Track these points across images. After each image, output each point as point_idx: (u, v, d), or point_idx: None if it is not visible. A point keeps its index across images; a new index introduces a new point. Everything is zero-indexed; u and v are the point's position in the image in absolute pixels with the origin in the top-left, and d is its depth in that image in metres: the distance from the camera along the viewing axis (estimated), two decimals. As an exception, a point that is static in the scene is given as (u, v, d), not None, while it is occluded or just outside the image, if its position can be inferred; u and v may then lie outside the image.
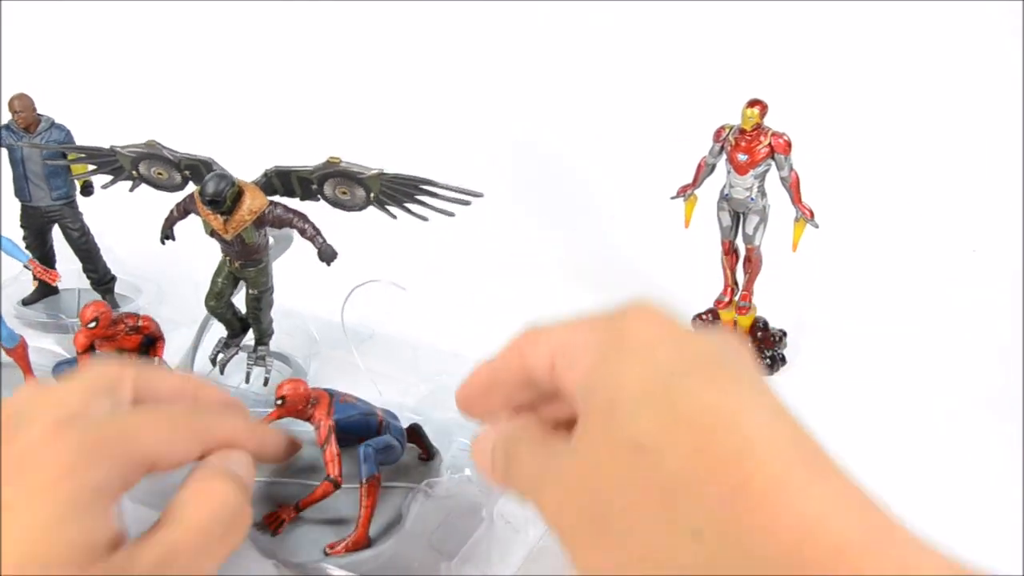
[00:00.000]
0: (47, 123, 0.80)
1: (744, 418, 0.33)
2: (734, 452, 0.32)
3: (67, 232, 0.84)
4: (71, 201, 0.83)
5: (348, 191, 0.68)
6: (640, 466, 0.33)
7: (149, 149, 0.70)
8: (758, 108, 0.74)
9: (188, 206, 0.71)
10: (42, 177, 0.80)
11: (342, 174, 0.67)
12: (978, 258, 0.96)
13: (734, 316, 0.83)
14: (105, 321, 0.65)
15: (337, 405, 0.58)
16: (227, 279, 0.73)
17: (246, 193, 0.67)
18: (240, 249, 0.70)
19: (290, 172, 0.68)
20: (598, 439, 0.35)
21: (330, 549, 0.54)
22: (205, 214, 0.68)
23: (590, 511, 0.34)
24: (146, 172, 0.71)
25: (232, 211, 0.67)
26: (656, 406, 0.34)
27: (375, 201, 0.68)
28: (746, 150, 0.75)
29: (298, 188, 0.69)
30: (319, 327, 0.82)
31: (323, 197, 0.69)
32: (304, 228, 0.69)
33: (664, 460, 0.33)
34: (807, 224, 0.77)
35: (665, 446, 0.33)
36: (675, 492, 0.32)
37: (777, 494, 0.31)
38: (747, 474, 0.31)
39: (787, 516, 0.30)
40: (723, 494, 0.31)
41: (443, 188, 0.66)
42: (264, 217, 0.68)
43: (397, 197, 0.68)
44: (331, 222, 0.70)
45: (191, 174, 0.70)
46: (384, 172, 0.67)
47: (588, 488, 0.35)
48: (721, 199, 0.79)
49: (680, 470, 0.32)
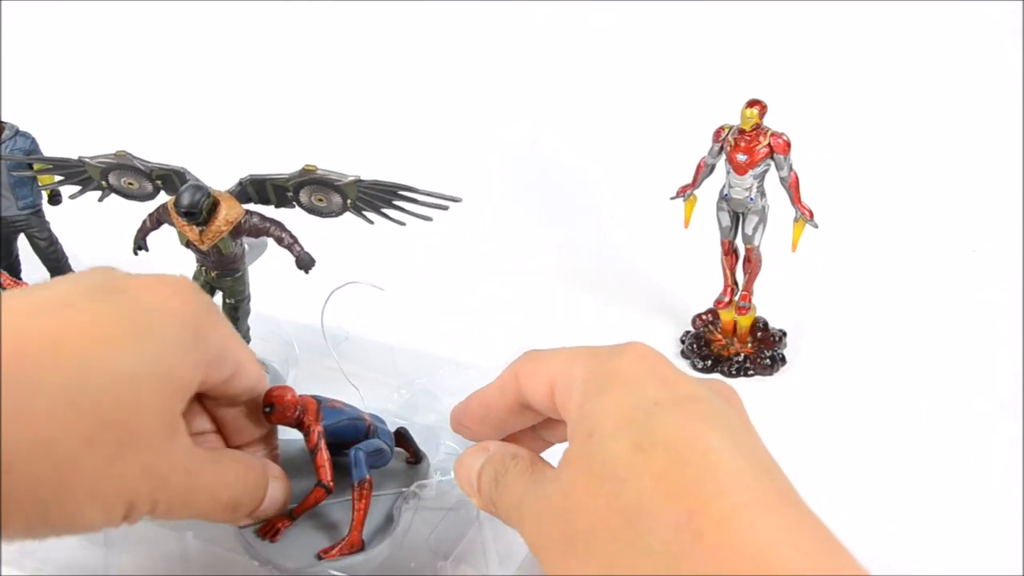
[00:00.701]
0: (11, 130, 0.77)
1: (712, 449, 0.35)
2: (695, 479, 0.34)
3: (34, 242, 0.82)
4: (38, 210, 0.81)
5: (324, 198, 0.67)
6: (607, 490, 0.35)
7: (119, 160, 0.68)
8: (757, 108, 0.74)
9: (162, 216, 0.69)
10: (7, 187, 0.78)
11: (318, 181, 0.66)
12: (978, 258, 0.95)
13: (734, 316, 0.83)
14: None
15: (325, 411, 0.57)
16: (203, 288, 0.71)
17: (222, 203, 0.66)
18: (216, 259, 0.69)
19: (265, 180, 0.67)
20: (577, 465, 0.38)
21: (324, 554, 0.54)
22: (180, 225, 0.67)
23: (562, 531, 0.37)
24: (116, 183, 0.70)
25: (208, 222, 0.66)
26: (631, 434, 0.36)
27: (352, 207, 0.67)
28: (745, 150, 0.75)
29: (273, 196, 0.68)
30: (295, 332, 0.81)
31: (299, 205, 0.68)
32: (281, 237, 0.68)
33: (629, 484, 0.35)
34: (807, 224, 0.77)
35: (632, 472, 0.35)
36: (637, 515, 0.34)
37: (732, 522, 0.33)
38: (704, 501, 0.33)
39: (739, 543, 0.32)
40: (679, 518, 0.33)
41: (421, 194, 0.65)
42: (241, 227, 0.67)
43: (375, 203, 0.67)
44: (307, 227, 0.69)
45: (163, 184, 0.69)
46: (361, 179, 0.66)
47: (563, 509, 0.37)
48: (720, 199, 0.79)
49: (642, 493, 0.34)
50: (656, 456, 0.35)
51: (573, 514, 0.36)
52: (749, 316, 0.83)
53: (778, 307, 0.86)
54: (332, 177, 0.65)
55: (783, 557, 0.32)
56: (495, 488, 0.42)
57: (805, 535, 0.33)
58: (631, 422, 0.37)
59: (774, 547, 0.32)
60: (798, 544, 0.32)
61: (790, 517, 0.33)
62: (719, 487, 0.34)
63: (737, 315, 0.83)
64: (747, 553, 0.32)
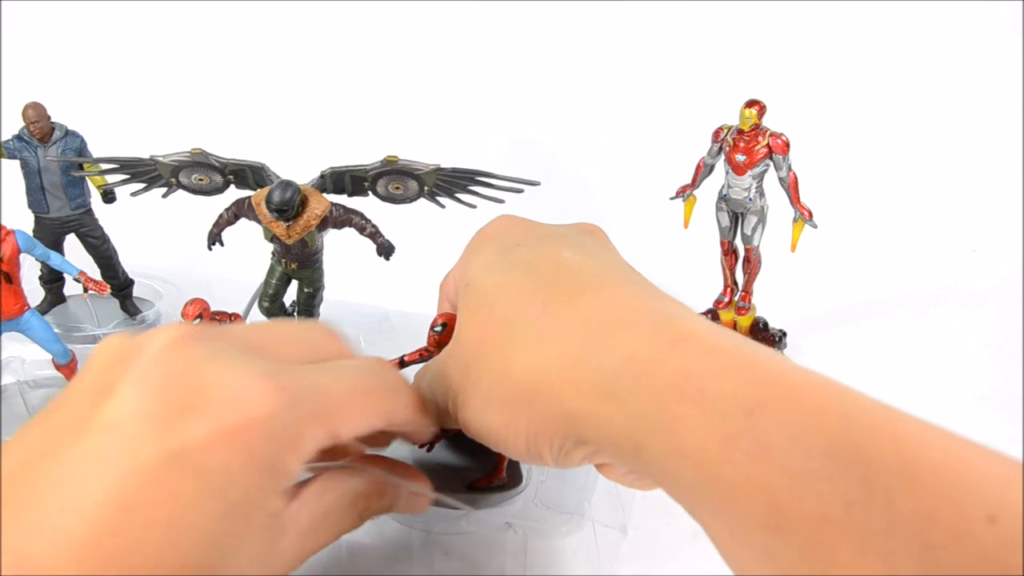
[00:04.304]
0: (61, 131, 0.77)
1: (564, 259, 0.41)
2: (548, 280, 0.40)
3: (87, 241, 0.81)
4: (89, 210, 0.81)
5: (401, 186, 0.69)
6: (483, 316, 0.41)
7: (194, 158, 0.69)
8: (756, 108, 0.75)
9: (241, 211, 0.70)
10: (60, 187, 0.78)
11: (399, 171, 0.68)
12: (978, 258, 0.97)
13: (734, 316, 0.83)
14: (208, 317, 0.64)
15: None
16: (281, 280, 0.73)
17: (310, 199, 0.67)
18: (300, 252, 0.70)
19: (344, 172, 0.69)
20: (463, 315, 0.43)
21: (475, 484, 0.56)
22: (268, 221, 0.68)
23: (462, 368, 0.41)
24: (186, 180, 0.70)
25: (296, 217, 0.67)
26: (497, 268, 0.42)
27: (427, 194, 0.70)
28: (744, 150, 0.76)
29: (349, 186, 0.70)
30: (362, 316, 0.83)
31: (374, 194, 0.70)
32: (364, 225, 0.70)
33: (498, 303, 0.40)
34: (806, 224, 0.77)
35: (499, 292, 0.41)
36: (507, 322, 0.39)
37: (580, 296, 0.38)
38: (556, 292, 0.39)
39: (584, 308, 0.37)
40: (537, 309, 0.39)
41: (498, 179, 0.69)
42: (327, 220, 0.68)
43: (451, 189, 0.69)
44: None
45: (235, 179, 0.70)
46: (441, 167, 0.68)
47: (460, 355, 0.42)
48: (719, 199, 0.80)
49: (508, 305, 0.40)
50: (516, 275, 0.40)
51: (466, 349, 0.41)
52: (749, 316, 0.83)
53: (778, 307, 0.86)
54: (415, 167, 0.68)
55: (628, 306, 0.37)
56: (424, 388, 0.45)
57: (643, 293, 0.39)
58: (498, 261, 0.42)
59: (618, 302, 0.37)
60: (639, 296, 0.38)
61: (635, 286, 0.39)
62: (572, 280, 0.39)
63: (737, 315, 0.83)
64: (594, 309, 0.37)
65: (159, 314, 0.85)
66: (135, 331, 0.82)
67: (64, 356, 0.71)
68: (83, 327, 0.83)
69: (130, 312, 0.85)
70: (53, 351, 0.71)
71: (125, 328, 0.83)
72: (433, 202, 0.70)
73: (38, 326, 0.69)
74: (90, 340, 0.80)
